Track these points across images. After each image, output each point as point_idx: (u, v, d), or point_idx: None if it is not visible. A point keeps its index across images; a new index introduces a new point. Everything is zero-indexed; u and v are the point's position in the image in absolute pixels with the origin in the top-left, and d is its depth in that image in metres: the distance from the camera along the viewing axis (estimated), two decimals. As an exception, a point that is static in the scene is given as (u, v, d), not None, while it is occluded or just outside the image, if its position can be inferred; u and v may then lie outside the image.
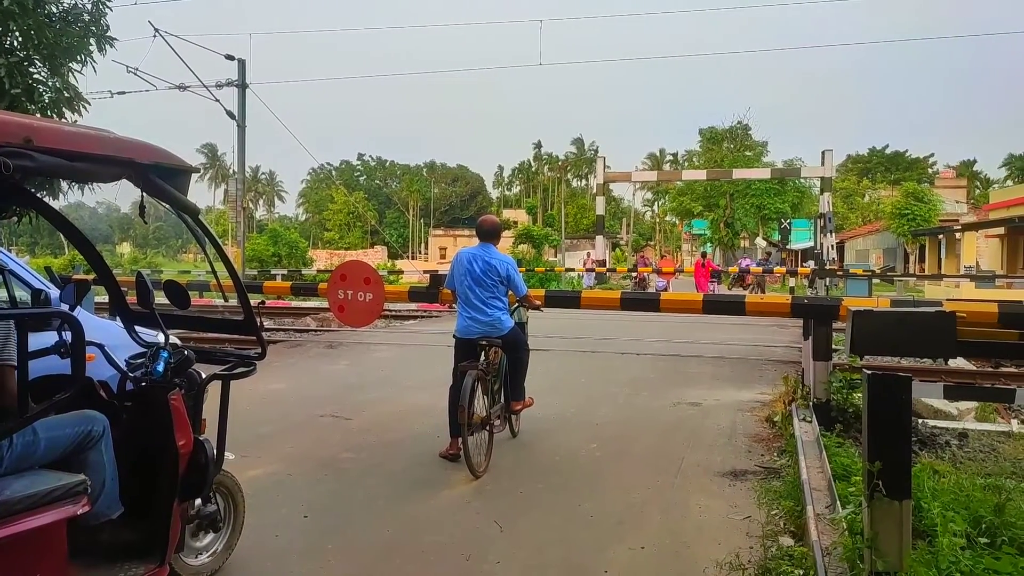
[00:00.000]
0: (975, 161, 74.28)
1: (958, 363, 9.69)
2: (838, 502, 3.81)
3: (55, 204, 8.12)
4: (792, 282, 27.62)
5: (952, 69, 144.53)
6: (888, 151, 75.57)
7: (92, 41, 9.18)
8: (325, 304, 12.11)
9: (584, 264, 30.47)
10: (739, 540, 3.87)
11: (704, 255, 26.41)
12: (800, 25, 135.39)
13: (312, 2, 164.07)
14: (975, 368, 9.82)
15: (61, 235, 3.82)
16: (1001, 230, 27.19)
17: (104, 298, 7.53)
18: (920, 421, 6.41)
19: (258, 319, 3.17)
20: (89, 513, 2.60)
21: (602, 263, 32.13)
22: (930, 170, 67.52)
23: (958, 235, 29.39)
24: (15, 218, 7.25)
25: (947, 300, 8.25)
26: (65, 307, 3.06)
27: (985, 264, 29.19)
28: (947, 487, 3.92)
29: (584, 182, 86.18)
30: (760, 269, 25.82)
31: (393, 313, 16.74)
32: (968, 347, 4.28)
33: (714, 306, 7.42)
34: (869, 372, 2.88)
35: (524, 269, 23.50)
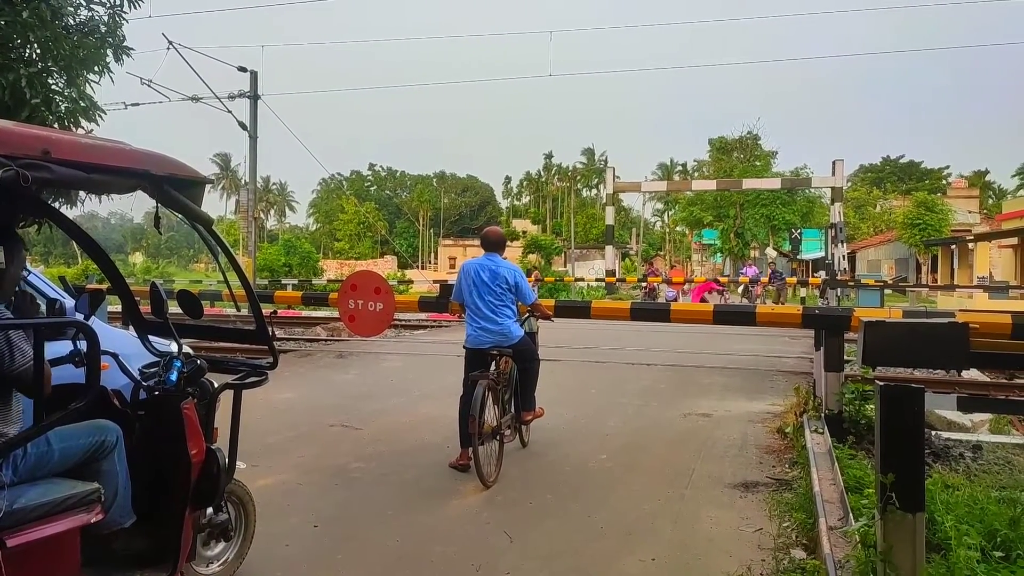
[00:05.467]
0: (987, 171, 73.86)
1: (972, 374, 9.60)
2: (851, 515, 3.78)
3: (71, 213, 8.23)
4: (803, 292, 27.47)
5: (966, 79, 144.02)
6: (903, 161, 75.33)
7: (108, 52, 9.29)
8: (335, 314, 12.15)
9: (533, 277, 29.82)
10: (750, 553, 3.84)
11: (717, 281, 26.29)
12: (812, 34, 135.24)
13: (323, 15, 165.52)
14: (989, 380, 9.73)
15: (75, 245, 3.87)
16: (1014, 240, 26.97)
17: (118, 307, 7.58)
18: (933, 433, 6.34)
19: (270, 329, 3.19)
20: (102, 522, 2.62)
21: (612, 273, 32.11)
22: (944, 181, 67.14)
23: (971, 245, 29.18)
24: (35, 227, 7.32)
25: (960, 311, 8.19)
26: (80, 316, 3.09)
27: (998, 275, 28.97)
28: (961, 500, 3.87)
29: (594, 192, 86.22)
30: (766, 280, 25.59)
31: (403, 323, 16.78)
32: (982, 358, 4.25)
33: (725, 316, 7.39)
34: (882, 383, 2.86)
35: (533, 279, 23.47)
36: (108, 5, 9.33)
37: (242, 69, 21.12)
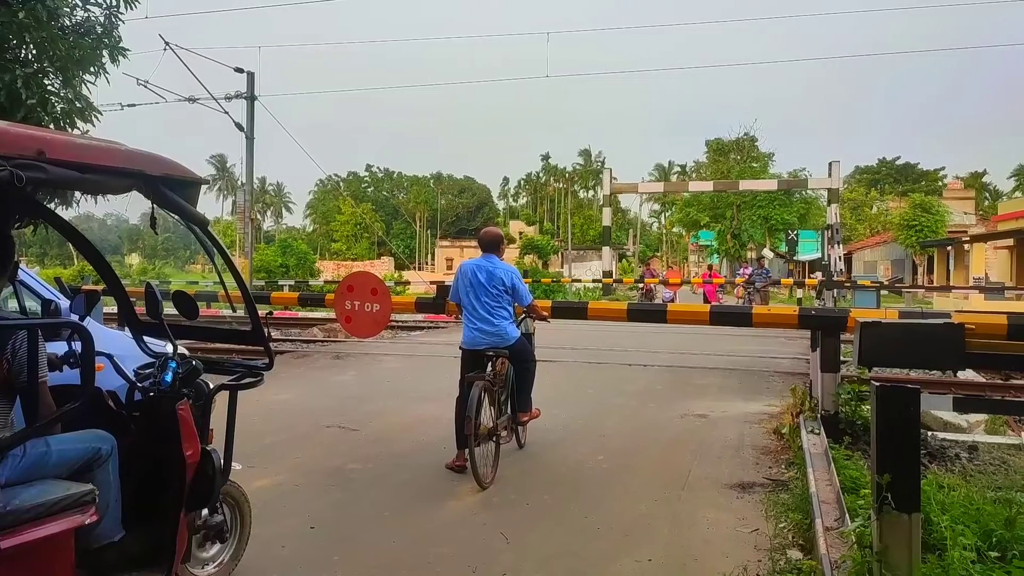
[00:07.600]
0: (984, 172, 74.14)
1: (968, 375, 9.62)
2: (847, 515, 3.78)
3: (67, 214, 8.21)
4: (799, 293, 27.51)
5: (963, 80, 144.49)
6: (899, 162, 75.61)
7: (104, 53, 9.28)
8: (332, 315, 12.15)
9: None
10: (747, 553, 3.85)
11: (710, 267, 26.56)
12: (809, 36, 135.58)
13: (321, 15, 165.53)
14: (985, 380, 9.74)
15: (71, 246, 3.85)
16: (1010, 241, 27.09)
17: (113, 308, 7.54)
18: (929, 434, 6.35)
19: (266, 330, 3.18)
20: (91, 536, 2.61)
21: (609, 274, 32.13)
22: (940, 182, 67.33)
23: (967, 246, 29.24)
24: (32, 227, 7.31)
25: (956, 312, 8.21)
26: (75, 317, 3.08)
27: (994, 276, 29.08)
28: (957, 500, 3.87)
29: (591, 193, 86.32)
30: (743, 286, 25.59)
31: (400, 324, 16.76)
32: (977, 359, 4.25)
33: (721, 317, 7.39)
34: (878, 384, 2.86)
35: (530, 280, 23.49)
36: (104, 6, 9.34)
37: (239, 70, 21.08)
